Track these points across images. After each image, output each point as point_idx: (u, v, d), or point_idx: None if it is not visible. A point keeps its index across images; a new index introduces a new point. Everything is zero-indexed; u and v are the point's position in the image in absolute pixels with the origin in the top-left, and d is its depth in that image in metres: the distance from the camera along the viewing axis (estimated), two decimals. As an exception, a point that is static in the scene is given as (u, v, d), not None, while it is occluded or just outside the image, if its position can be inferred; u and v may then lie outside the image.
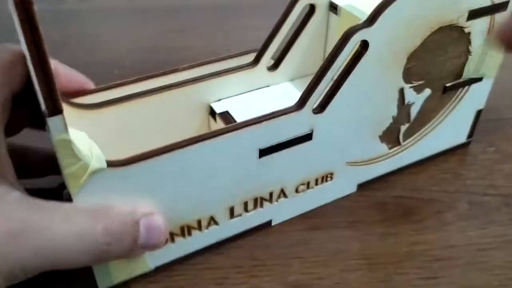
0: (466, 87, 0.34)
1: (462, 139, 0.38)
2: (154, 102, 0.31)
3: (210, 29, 0.54)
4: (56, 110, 0.21)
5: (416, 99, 0.32)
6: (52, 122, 0.21)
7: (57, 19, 0.56)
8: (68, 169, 0.23)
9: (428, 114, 0.34)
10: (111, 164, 0.24)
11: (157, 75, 0.33)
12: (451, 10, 0.29)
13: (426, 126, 0.35)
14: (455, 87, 0.33)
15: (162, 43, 0.52)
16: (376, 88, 0.29)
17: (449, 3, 0.28)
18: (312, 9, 0.32)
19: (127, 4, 0.59)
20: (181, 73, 0.33)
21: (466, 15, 0.29)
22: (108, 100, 0.30)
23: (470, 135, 0.38)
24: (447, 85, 0.33)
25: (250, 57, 0.34)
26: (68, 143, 0.22)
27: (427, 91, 0.32)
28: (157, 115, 0.31)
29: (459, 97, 0.34)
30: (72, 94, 0.29)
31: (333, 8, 0.32)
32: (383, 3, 0.26)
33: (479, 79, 0.34)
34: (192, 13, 0.57)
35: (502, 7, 0.31)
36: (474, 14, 0.30)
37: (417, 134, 0.35)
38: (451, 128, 0.36)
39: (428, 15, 0.28)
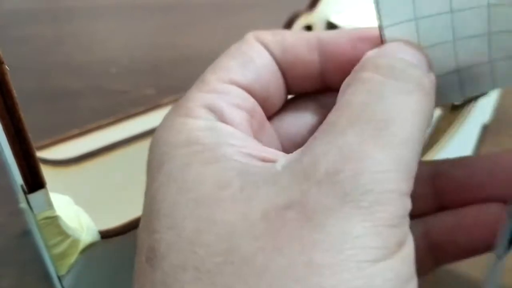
0: (473, 102, 0.32)
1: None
2: (140, 149, 0.27)
3: (209, 27, 0.53)
4: (38, 185, 0.17)
5: (426, 121, 0.30)
6: (34, 198, 0.17)
7: (52, 17, 0.55)
8: (55, 249, 0.19)
9: (436, 135, 0.32)
10: (105, 234, 0.21)
11: (139, 113, 0.29)
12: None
13: (433, 148, 0.33)
14: (463, 104, 0.31)
15: (160, 40, 0.51)
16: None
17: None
18: (308, 30, 0.30)
19: (123, 1, 0.59)
20: (166, 108, 0.29)
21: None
22: (87, 153, 0.26)
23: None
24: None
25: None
26: (54, 219, 0.19)
27: (437, 111, 0.30)
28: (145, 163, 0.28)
29: (466, 113, 0.33)
30: None
31: (332, 28, 0.30)
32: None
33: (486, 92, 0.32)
34: (191, 10, 0.57)
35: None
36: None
37: (424, 156, 0.33)
38: (456, 149, 0.34)
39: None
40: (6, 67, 0.15)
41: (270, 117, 0.16)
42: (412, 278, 0.12)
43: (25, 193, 0.18)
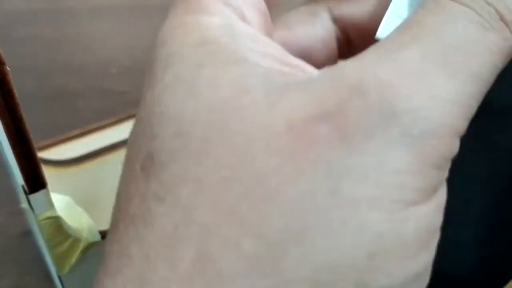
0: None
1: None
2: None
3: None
4: (39, 185, 0.17)
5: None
6: (35, 199, 0.17)
7: (53, 17, 0.54)
8: (57, 249, 0.19)
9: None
10: (105, 234, 0.21)
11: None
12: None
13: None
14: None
15: (161, 41, 0.51)
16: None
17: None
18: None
19: (124, 2, 0.59)
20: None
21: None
22: (88, 153, 0.26)
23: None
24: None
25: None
26: (56, 220, 0.19)
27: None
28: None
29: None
30: None
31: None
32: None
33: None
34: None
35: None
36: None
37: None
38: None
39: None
40: (7, 67, 0.15)
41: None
42: (438, 231, 0.10)
43: (26, 193, 0.18)
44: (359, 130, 0.09)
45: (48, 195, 0.18)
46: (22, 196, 0.20)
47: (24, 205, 0.21)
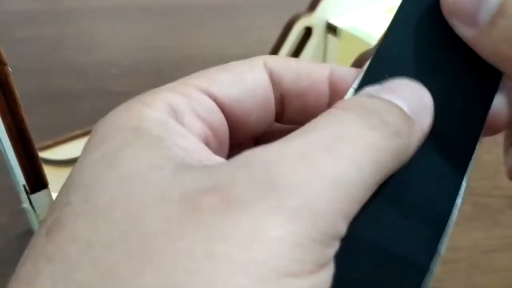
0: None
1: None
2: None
3: (210, 28, 0.54)
4: (40, 185, 0.17)
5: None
6: (36, 198, 0.18)
7: (54, 18, 0.55)
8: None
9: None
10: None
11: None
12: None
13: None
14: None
15: (161, 42, 0.51)
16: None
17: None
18: (308, 32, 0.30)
19: (125, 2, 0.59)
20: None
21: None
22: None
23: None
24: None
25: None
26: (56, 219, 0.19)
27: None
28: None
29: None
30: None
31: (331, 30, 0.30)
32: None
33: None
34: (192, 12, 0.57)
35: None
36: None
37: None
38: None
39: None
40: (9, 68, 0.15)
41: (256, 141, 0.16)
42: None
43: (27, 193, 0.18)
44: (241, 200, 0.10)
45: (49, 195, 0.18)
46: (23, 196, 0.20)
47: (26, 205, 0.21)
